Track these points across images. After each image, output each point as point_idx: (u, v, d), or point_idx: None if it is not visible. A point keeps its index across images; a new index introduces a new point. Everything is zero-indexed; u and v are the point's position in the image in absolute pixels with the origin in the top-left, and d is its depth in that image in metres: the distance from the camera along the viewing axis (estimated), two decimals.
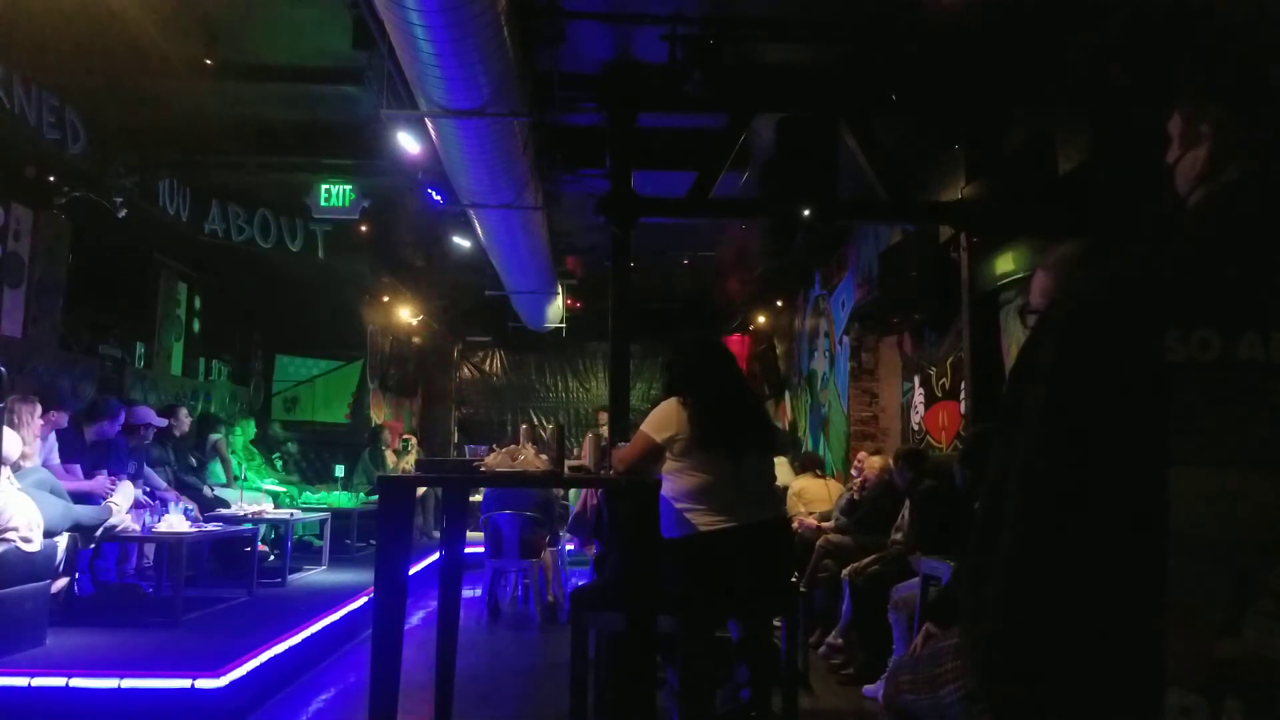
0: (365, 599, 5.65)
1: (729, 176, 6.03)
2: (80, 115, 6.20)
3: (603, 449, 3.65)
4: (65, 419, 5.72)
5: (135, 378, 7.93)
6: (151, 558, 6.24)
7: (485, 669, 4.99)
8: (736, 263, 10.44)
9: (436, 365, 13.89)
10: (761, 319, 12.36)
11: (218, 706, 3.66)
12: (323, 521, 7.80)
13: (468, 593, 4.92)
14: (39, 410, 4.97)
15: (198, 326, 9.20)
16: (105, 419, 5.82)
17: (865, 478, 6.02)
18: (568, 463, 3.36)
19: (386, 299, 11.24)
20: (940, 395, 6.91)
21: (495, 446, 3.84)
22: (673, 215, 6.41)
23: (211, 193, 7.95)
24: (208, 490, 7.24)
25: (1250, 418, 1.03)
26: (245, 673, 3.88)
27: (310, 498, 8.80)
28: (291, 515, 7.15)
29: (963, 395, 6.13)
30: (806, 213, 5.88)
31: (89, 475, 5.38)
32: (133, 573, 6.18)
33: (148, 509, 5.47)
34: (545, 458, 3.19)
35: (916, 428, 7.42)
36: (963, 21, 4.76)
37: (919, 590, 4.12)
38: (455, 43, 4.21)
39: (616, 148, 5.94)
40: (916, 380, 7.44)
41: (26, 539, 4.10)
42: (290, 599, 5.82)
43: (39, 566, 4.23)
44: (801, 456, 8.03)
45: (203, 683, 3.65)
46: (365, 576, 6.34)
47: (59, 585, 4.55)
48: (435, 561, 5.80)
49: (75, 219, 6.65)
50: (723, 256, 10.19)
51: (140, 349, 8.11)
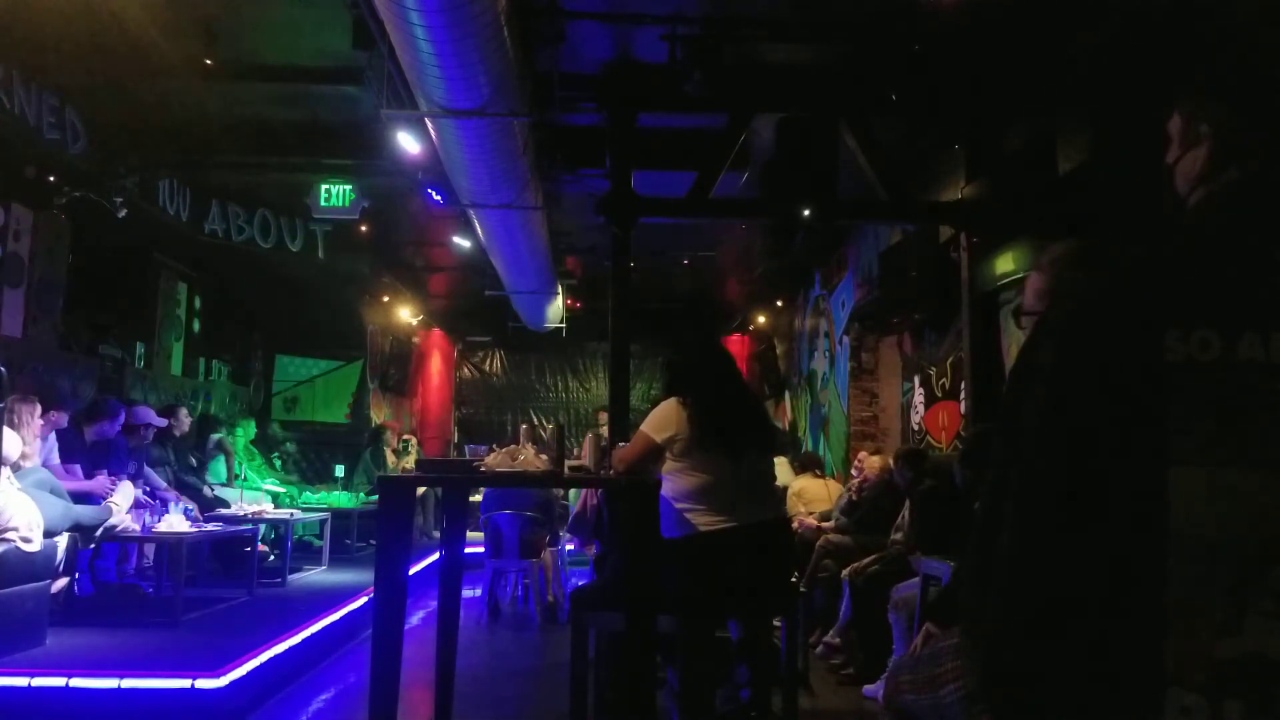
0: (365, 599, 5.65)
1: (729, 176, 6.02)
2: (80, 115, 6.20)
3: (603, 449, 3.65)
4: (65, 419, 5.72)
5: (135, 378, 7.93)
6: (151, 558, 6.24)
7: (485, 669, 4.99)
8: (736, 263, 10.44)
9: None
10: (761, 319, 12.36)
11: (218, 706, 3.66)
12: (323, 521, 7.80)
13: (468, 593, 4.92)
14: (39, 410, 4.96)
15: (198, 326, 9.20)
16: (105, 419, 5.82)
17: (865, 477, 6.02)
18: (568, 463, 3.36)
19: (386, 299, 11.23)
20: (940, 395, 6.91)
21: (495, 446, 3.84)
22: (673, 215, 6.41)
23: (211, 193, 7.95)
24: (208, 490, 7.25)
25: (1250, 418, 1.03)
26: (245, 673, 3.88)
27: (310, 498, 8.80)
28: (291, 515, 7.15)
29: (963, 395, 6.13)
30: (806, 213, 5.88)
31: (89, 475, 5.37)
32: (133, 573, 6.18)
33: (148, 509, 5.47)
34: (545, 458, 3.20)
35: (916, 428, 7.42)
36: (963, 22, 4.77)
37: (919, 590, 4.12)
38: (455, 43, 4.21)
39: (616, 148, 5.94)
40: (916, 380, 7.44)
41: (26, 539, 4.10)
42: (290, 599, 5.82)
43: (39, 566, 4.23)
44: (801, 456, 8.02)
45: (203, 683, 3.65)
46: (365, 576, 6.34)
47: (59, 585, 4.55)
48: (435, 561, 5.79)
49: (75, 219, 6.65)
50: (723, 256, 10.18)
51: (140, 349, 8.11)
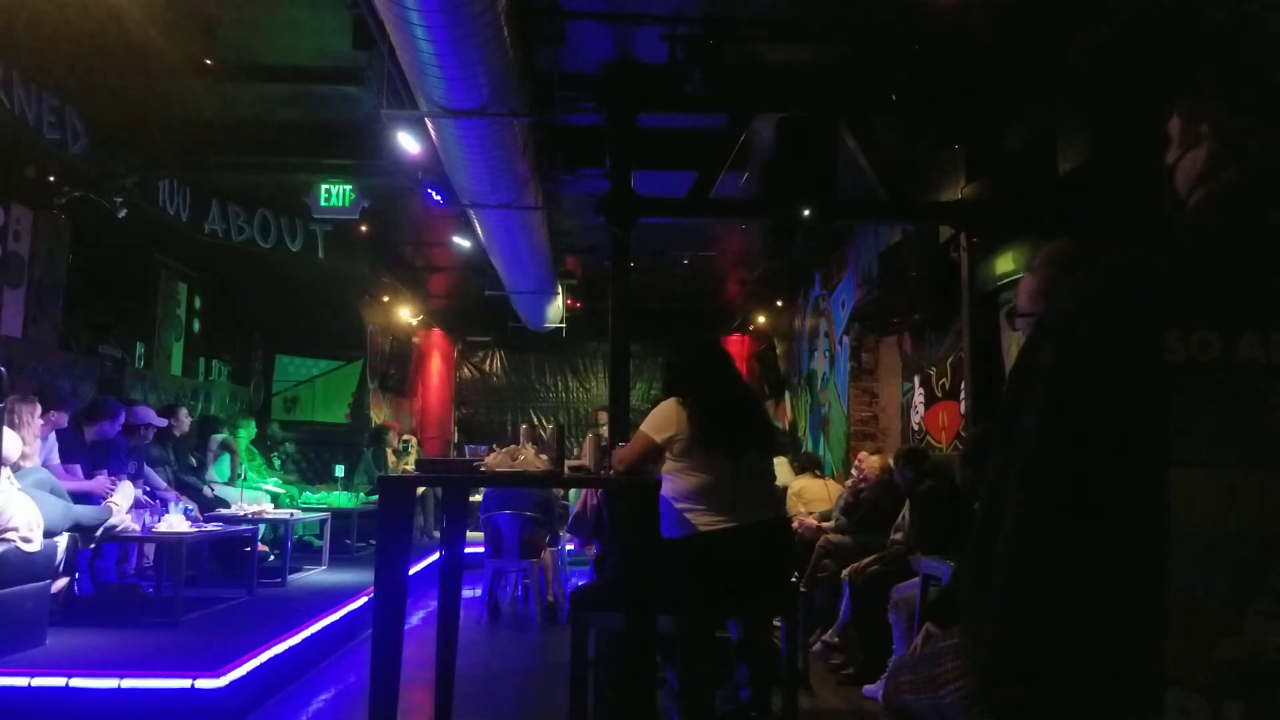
0: (365, 599, 5.65)
1: (729, 176, 6.02)
2: (80, 115, 6.20)
3: (603, 449, 3.65)
4: (65, 419, 5.72)
5: (135, 378, 7.93)
6: (151, 558, 6.24)
7: (485, 669, 4.99)
8: (736, 263, 10.44)
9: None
10: (761, 319, 12.35)
11: (218, 706, 3.66)
12: (323, 521, 7.80)
13: (468, 593, 4.92)
14: (39, 410, 4.97)
15: (198, 326, 9.20)
16: (105, 419, 5.82)
17: (865, 477, 6.02)
18: (568, 463, 3.36)
19: (386, 299, 11.23)
20: (940, 395, 6.91)
21: (495, 446, 3.84)
22: (673, 215, 6.41)
23: (211, 193, 7.95)
24: (208, 490, 7.25)
25: (1250, 418, 1.02)
26: (245, 673, 3.88)
27: (310, 498, 8.80)
28: (291, 515, 7.16)
29: (963, 395, 6.13)
30: (806, 213, 5.88)
31: (89, 475, 5.37)
32: (133, 573, 6.18)
33: (148, 509, 5.47)
34: (545, 458, 3.20)
35: (916, 428, 7.42)
36: (963, 21, 4.77)
37: (919, 590, 4.12)
38: (455, 43, 4.21)
39: (616, 148, 5.94)
40: (916, 380, 7.44)
41: (26, 539, 4.10)
42: (290, 599, 5.82)
43: (39, 566, 4.23)
44: (801, 456, 8.02)
45: (203, 683, 3.65)
46: (365, 576, 6.34)
47: (59, 585, 4.55)
48: (435, 561, 5.79)
49: (75, 219, 6.65)
50: (723, 256, 10.18)
51: (140, 349, 8.12)
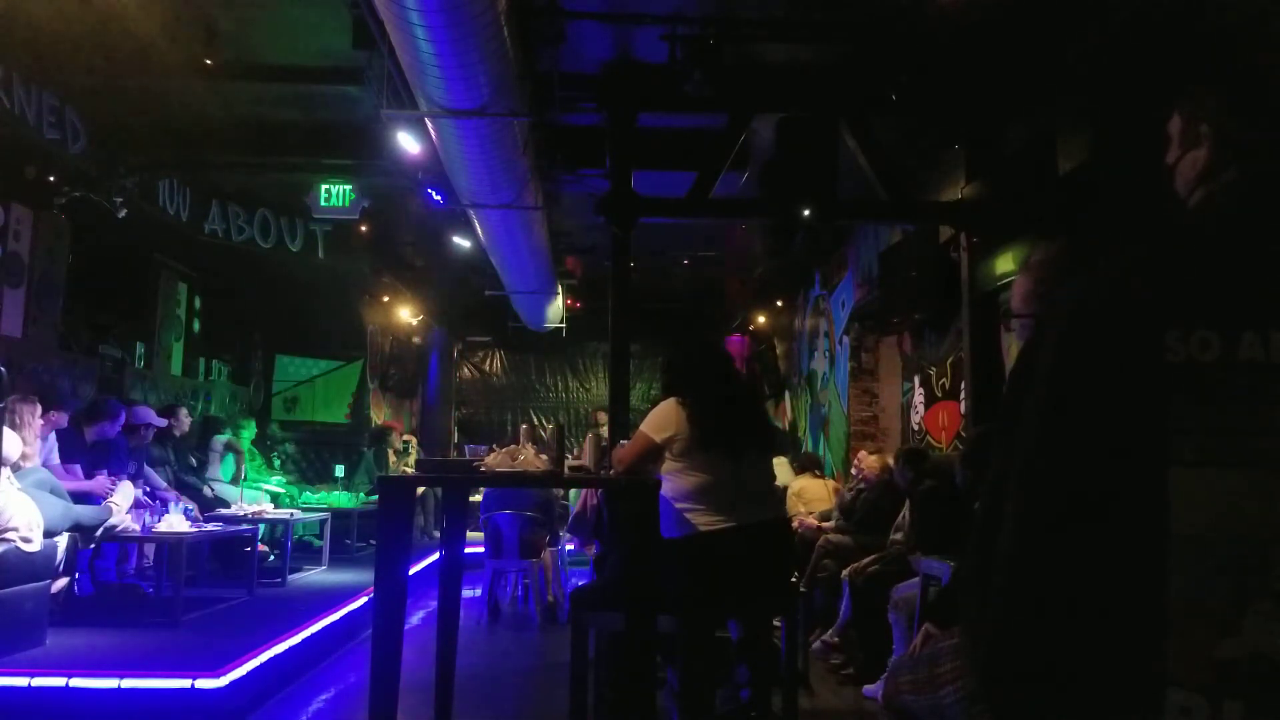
0: (365, 599, 5.64)
1: (729, 176, 6.02)
2: (80, 115, 6.20)
3: (603, 449, 3.65)
4: (65, 419, 5.72)
5: (135, 378, 7.93)
6: (151, 558, 6.24)
7: (485, 669, 4.99)
8: (736, 263, 10.44)
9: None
10: (761, 319, 12.35)
11: (218, 706, 3.66)
12: (323, 521, 7.80)
13: (468, 593, 4.92)
14: (39, 410, 4.97)
15: (198, 326, 9.20)
16: (105, 419, 5.82)
17: (865, 477, 6.01)
18: (568, 463, 3.36)
19: (386, 299, 11.24)
20: (940, 395, 6.91)
21: (495, 446, 3.84)
22: (673, 215, 6.40)
23: (211, 193, 7.95)
24: (208, 490, 7.25)
25: (1250, 418, 1.03)
26: (245, 673, 3.88)
27: (310, 498, 8.80)
28: (291, 515, 7.16)
29: (963, 395, 6.13)
30: (806, 213, 5.88)
31: (89, 475, 5.37)
32: (133, 573, 6.18)
33: (148, 509, 5.47)
34: (545, 458, 3.19)
35: (916, 428, 7.42)
36: (963, 22, 4.76)
37: (919, 590, 4.12)
38: (455, 43, 4.21)
39: (616, 148, 5.94)
40: (916, 380, 7.44)
41: (26, 539, 4.10)
42: (290, 599, 5.82)
43: (39, 566, 4.23)
44: (801, 457, 8.02)
45: (203, 683, 3.65)
46: (365, 576, 6.34)
47: (59, 585, 4.55)
48: (435, 561, 5.80)
49: (75, 219, 6.65)
50: (723, 256, 10.18)
51: (140, 349, 8.11)
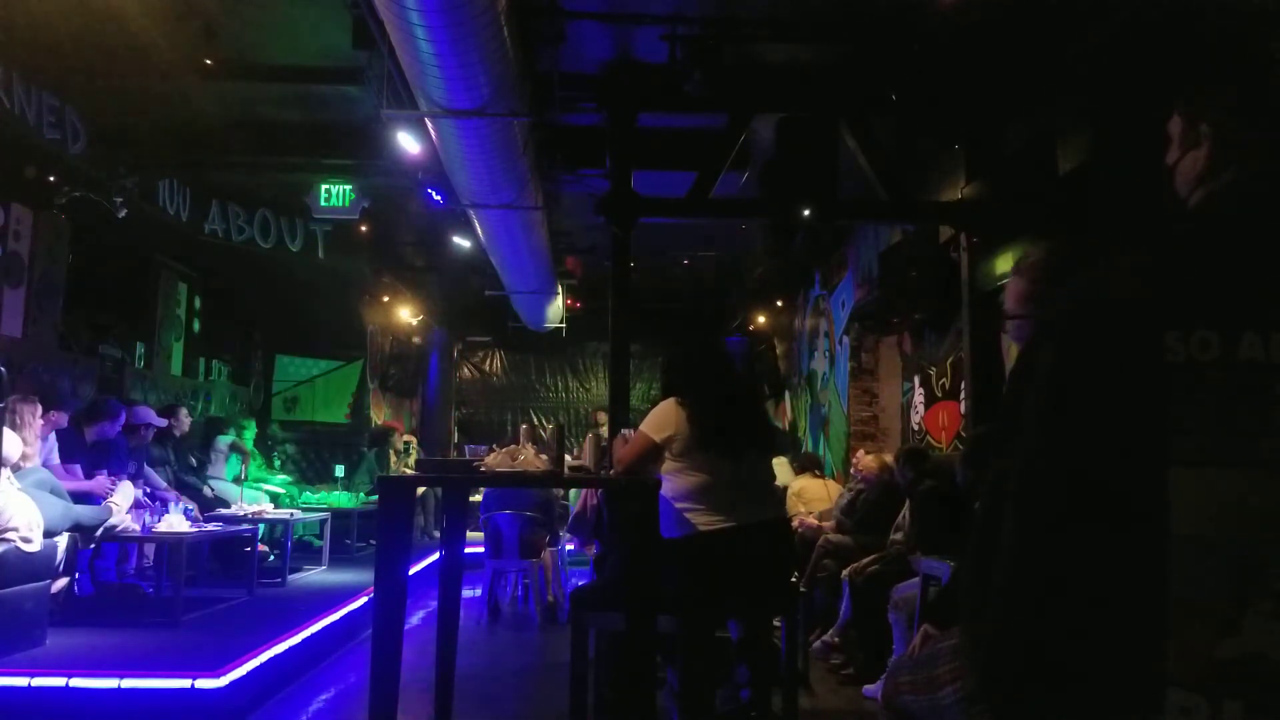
0: (365, 599, 5.64)
1: (729, 176, 6.02)
2: (80, 115, 6.20)
3: (603, 449, 3.65)
4: (65, 419, 5.72)
5: (135, 378, 7.92)
6: (151, 558, 6.24)
7: (485, 669, 4.99)
8: (736, 263, 10.44)
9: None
10: (761, 319, 12.34)
11: (218, 706, 3.66)
12: (323, 521, 7.80)
13: (468, 593, 4.92)
14: (40, 410, 4.97)
15: (198, 326, 9.20)
16: (105, 419, 5.82)
17: (864, 478, 6.01)
18: (568, 463, 3.36)
19: (386, 299, 11.24)
20: (940, 395, 6.91)
21: (495, 446, 3.84)
22: (673, 215, 6.41)
23: (211, 193, 7.95)
24: (208, 490, 7.25)
25: (1250, 418, 1.02)
26: (245, 673, 3.88)
27: (310, 498, 8.80)
28: (291, 515, 7.16)
29: (963, 395, 6.13)
30: (806, 213, 5.88)
31: (89, 475, 5.37)
32: (133, 573, 6.18)
33: (148, 509, 5.47)
34: (545, 458, 3.19)
35: (916, 428, 7.41)
36: (963, 22, 4.76)
37: (919, 590, 4.12)
38: (455, 43, 4.21)
39: (616, 148, 5.94)
40: (916, 380, 7.44)
41: (26, 539, 4.10)
42: (290, 599, 5.82)
43: (39, 566, 4.22)
44: (801, 457, 8.02)
45: (203, 683, 3.65)
46: (365, 576, 6.34)
47: (59, 585, 4.55)
48: (435, 561, 5.79)
49: (75, 219, 6.65)
50: (723, 256, 10.18)
51: (140, 349, 8.11)
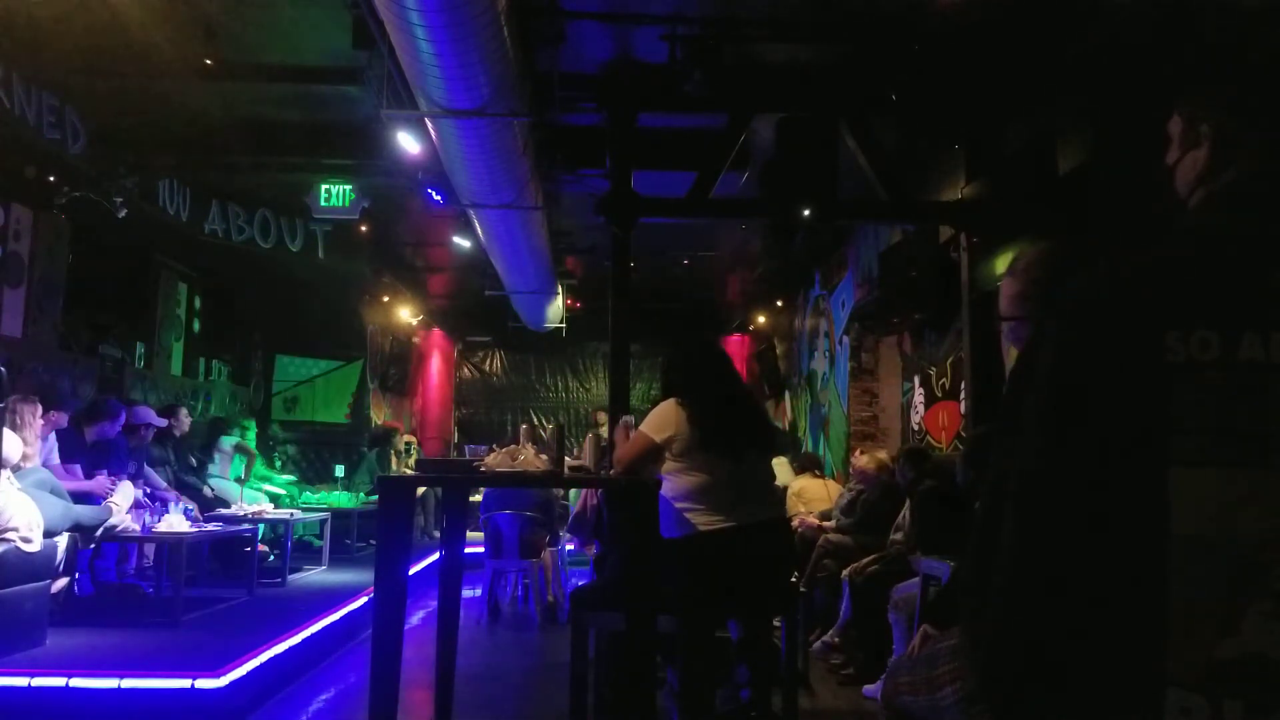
0: (365, 599, 5.64)
1: (729, 176, 6.02)
2: (80, 115, 6.19)
3: (603, 449, 3.65)
4: (65, 419, 5.72)
5: (135, 378, 7.92)
6: (151, 558, 6.24)
7: (485, 669, 4.99)
8: (736, 263, 10.43)
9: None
10: (761, 319, 12.35)
11: (218, 706, 3.66)
12: (323, 521, 7.80)
13: (468, 593, 4.92)
14: (40, 410, 4.97)
15: (198, 326, 9.20)
16: (105, 419, 5.82)
17: (862, 477, 6.00)
18: (568, 463, 3.36)
19: (386, 299, 11.23)
20: (940, 395, 6.91)
21: (495, 446, 3.84)
22: (673, 215, 6.40)
23: (211, 193, 7.94)
24: (208, 490, 7.25)
25: (1250, 418, 1.02)
26: (245, 673, 3.88)
27: (310, 498, 8.80)
28: (291, 515, 7.16)
29: (963, 395, 6.13)
30: (806, 213, 5.88)
31: (89, 475, 5.37)
32: (133, 573, 6.18)
33: (148, 509, 5.47)
34: (545, 458, 3.19)
35: (916, 428, 7.41)
36: (963, 22, 4.76)
37: (919, 590, 4.12)
38: (455, 42, 4.21)
39: (616, 148, 5.94)
40: (916, 380, 7.44)
41: (26, 539, 4.10)
42: (290, 599, 5.82)
43: (39, 566, 4.22)
44: (801, 457, 8.02)
45: (203, 683, 3.65)
46: (365, 576, 6.34)
47: (59, 585, 4.55)
48: (435, 561, 5.79)
49: (75, 219, 6.64)
50: (723, 256, 10.18)
51: (140, 349, 8.11)
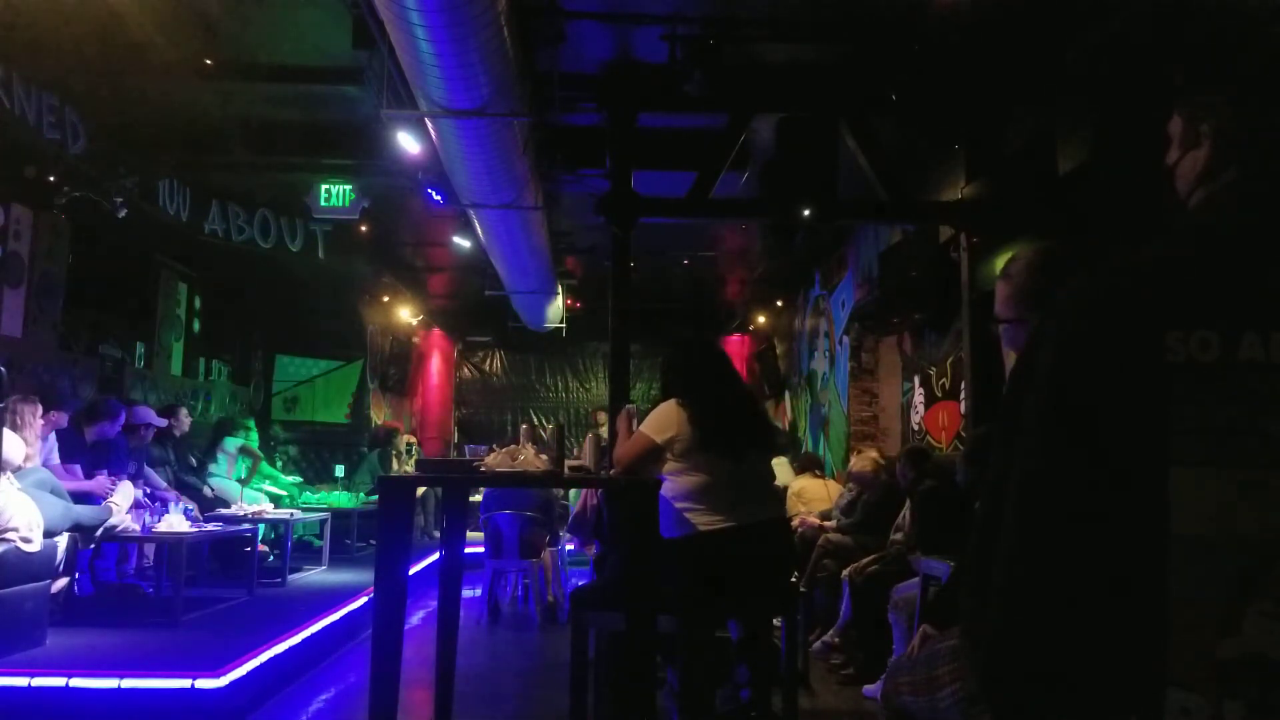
0: (365, 599, 5.64)
1: (729, 176, 6.02)
2: (80, 115, 6.19)
3: (603, 449, 3.65)
4: (65, 419, 5.72)
5: (135, 378, 7.92)
6: (151, 558, 6.24)
7: (485, 669, 4.99)
8: (736, 263, 10.43)
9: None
10: (761, 319, 12.35)
11: (218, 706, 3.66)
12: (323, 521, 7.80)
13: (468, 593, 4.92)
14: (40, 410, 4.97)
15: (198, 326, 9.19)
16: (105, 419, 5.82)
17: (859, 479, 5.99)
18: (568, 463, 3.36)
19: (386, 299, 11.23)
20: (940, 395, 6.91)
21: (495, 446, 3.84)
22: (673, 215, 6.40)
23: (211, 193, 7.94)
24: (208, 490, 7.25)
25: (1250, 418, 1.03)
26: (245, 673, 3.88)
27: (310, 498, 8.80)
28: (291, 515, 7.16)
29: (963, 395, 6.13)
30: (806, 213, 5.88)
31: (89, 475, 5.37)
32: (133, 573, 6.18)
33: (148, 509, 5.47)
34: (545, 458, 3.19)
35: (916, 428, 7.41)
36: (963, 21, 4.76)
37: (919, 590, 4.12)
38: (455, 42, 4.21)
39: (616, 148, 5.94)
40: (916, 380, 7.44)
41: (26, 539, 4.10)
42: (290, 599, 5.82)
43: (39, 566, 4.23)
44: (801, 457, 8.03)
45: (203, 683, 3.65)
46: (365, 576, 6.34)
47: (59, 585, 4.55)
48: (435, 561, 5.80)
49: (75, 219, 6.64)
50: (723, 256, 10.18)
51: (140, 349, 8.11)
